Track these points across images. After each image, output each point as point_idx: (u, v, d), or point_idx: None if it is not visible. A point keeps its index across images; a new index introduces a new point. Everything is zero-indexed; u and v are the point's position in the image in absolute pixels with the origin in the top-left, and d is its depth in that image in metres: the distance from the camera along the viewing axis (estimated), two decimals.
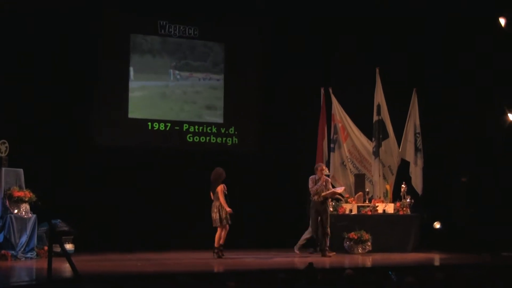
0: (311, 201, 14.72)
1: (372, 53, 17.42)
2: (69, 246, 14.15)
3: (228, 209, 13.94)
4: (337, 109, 16.84)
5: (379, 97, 16.71)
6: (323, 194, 14.53)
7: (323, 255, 14.48)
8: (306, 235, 15.26)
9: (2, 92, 14.99)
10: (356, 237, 15.30)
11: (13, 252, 13.29)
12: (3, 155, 13.76)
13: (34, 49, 15.42)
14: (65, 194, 15.23)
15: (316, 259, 13.99)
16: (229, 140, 17.44)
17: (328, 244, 14.62)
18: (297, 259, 14.34)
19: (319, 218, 14.56)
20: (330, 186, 14.82)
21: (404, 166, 16.98)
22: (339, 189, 15.10)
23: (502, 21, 16.33)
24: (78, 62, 15.90)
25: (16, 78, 15.15)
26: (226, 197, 14.03)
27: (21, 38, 15.20)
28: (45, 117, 15.52)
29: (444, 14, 17.09)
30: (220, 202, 13.96)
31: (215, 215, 14.00)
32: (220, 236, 14.07)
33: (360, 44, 17.64)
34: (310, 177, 14.76)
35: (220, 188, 14.02)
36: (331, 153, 16.73)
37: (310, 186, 14.67)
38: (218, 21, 17.36)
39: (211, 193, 14.19)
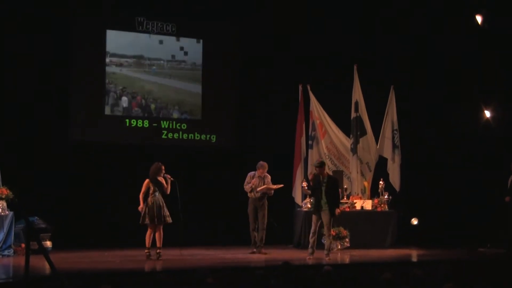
0: (249, 198, 14.92)
1: (351, 51, 17.44)
2: (46, 244, 14.08)
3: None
4: (315, 106, 16.82)
5: (357, 94, 16.72)
6: (258, 189, 14.71)
7: (259, 252, 14.68)
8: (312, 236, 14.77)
9: None
10: (334, 234, 15.33)
11: None
12: None
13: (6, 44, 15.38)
14: (43, 191, 15.14)
15: (253, 256, 14.33)
16: (206, 137, 17.37)
17: (263, 240, 14.75)
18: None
19: (257, 214, 14.80)
20: (270, 182, 14.90)
21: (382, 163, 17.03)
22: (275, 186, 14.96)
23: (479, 18, 16.44)
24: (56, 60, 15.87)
25: None
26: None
27: None
28: (21, 114, 15.45)
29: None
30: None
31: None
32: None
33: (339, 42, 17.63)
34: (249, 173, 14.95)
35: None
36: (309, 150, 16.69)
37: (245, 183, 14.88)
38: (196, 18, 17.28)
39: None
